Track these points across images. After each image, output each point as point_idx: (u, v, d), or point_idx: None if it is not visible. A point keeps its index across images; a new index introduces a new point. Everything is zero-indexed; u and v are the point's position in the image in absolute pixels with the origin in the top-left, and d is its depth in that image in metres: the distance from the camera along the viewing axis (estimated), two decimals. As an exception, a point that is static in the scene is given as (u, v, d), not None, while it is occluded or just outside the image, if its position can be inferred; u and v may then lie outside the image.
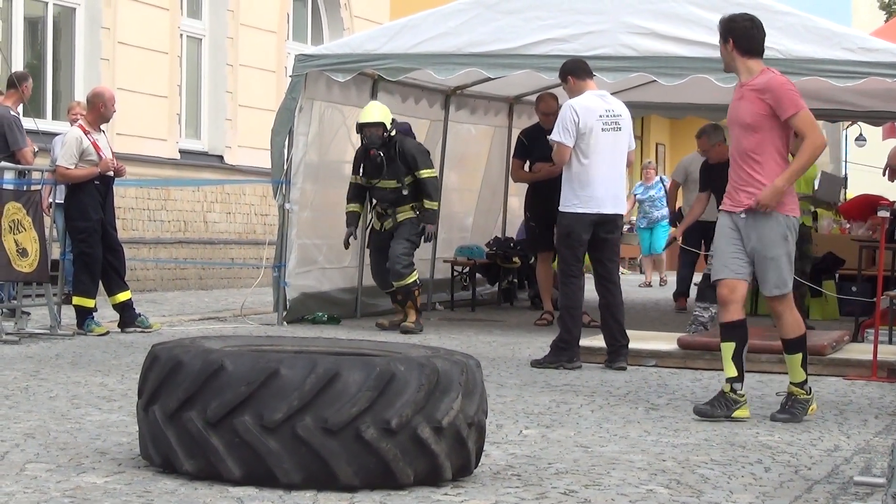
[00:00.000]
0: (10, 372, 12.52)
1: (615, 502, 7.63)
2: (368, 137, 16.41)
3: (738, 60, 9.92)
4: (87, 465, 8.32)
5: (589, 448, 9.27)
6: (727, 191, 10.19)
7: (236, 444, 7.72)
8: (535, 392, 12.09)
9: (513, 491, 7.88)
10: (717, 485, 8.22)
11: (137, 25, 23.88)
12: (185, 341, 8.54)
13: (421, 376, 7.80)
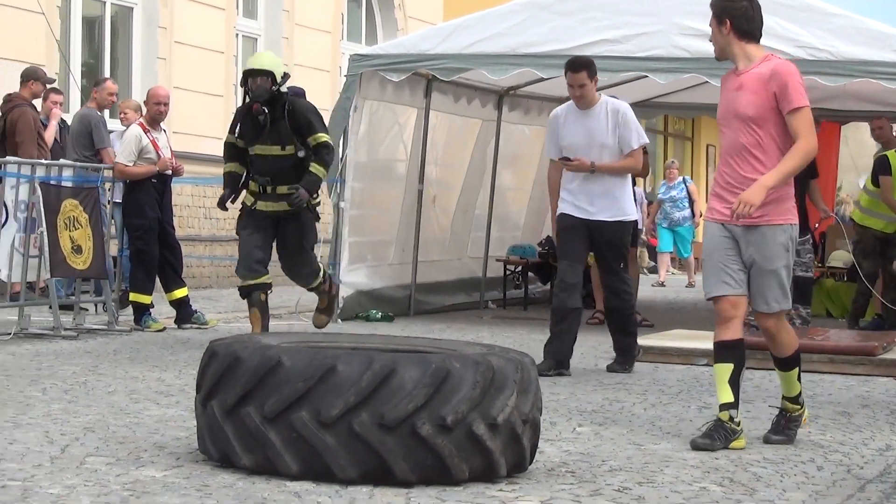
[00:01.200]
0: (70, 367, 12.57)
1: (668, 500, 7.62)
2: (254, 90, 13.32)
3: (736, 45, 8.91)
4: (145, 458, 8.35)
5: (642, 446, 9.26)
6: (716, 194, 9.16)
7: (293, 439, 7.74)
8: (587, 390, 12.09)
9: (567, 488, 7.88)
10: (770, 483, 8.21)
11: (194, 25, 23.96)
12: (242, 337, 8.58)
13: (476, 373, 7.80)
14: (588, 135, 12.87)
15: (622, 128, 12.87)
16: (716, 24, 8.93)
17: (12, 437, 8.97)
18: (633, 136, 12.88)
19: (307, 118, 13.48)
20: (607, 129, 12.86)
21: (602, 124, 12.87)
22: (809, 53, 16.14)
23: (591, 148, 12.87)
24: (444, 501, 7.39)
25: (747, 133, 8.73)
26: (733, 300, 8.96)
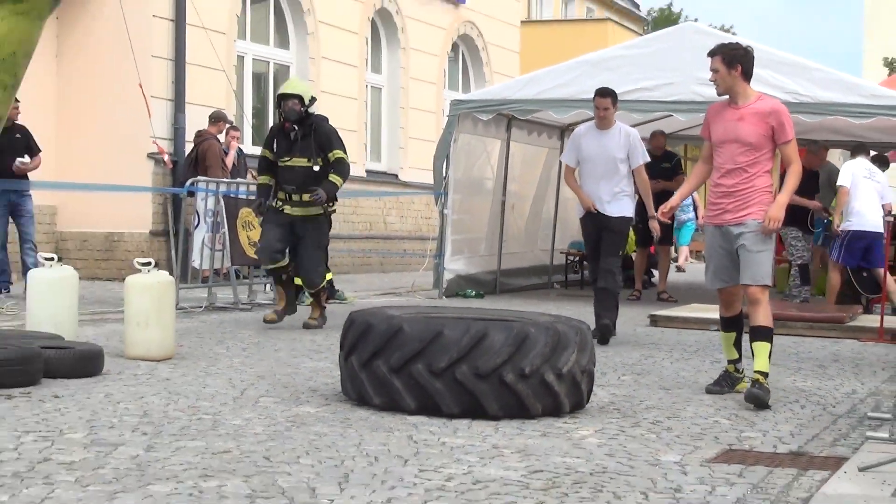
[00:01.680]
0: (245, 331, 12.67)
1: (690, 430, 7.62)
2: (286, 111, 12.38)
3: (740, 85, 8.66)
4: (303, 399, 8.42)
5: (670, 390, 9.25)
6: (712, 202, 8.88)
7: (412, 385, 7.81)
8: (628, 349, 12.08)
9: (614, 421, 7.90)
10: (766, 418, 8.20)
11: (334, 78, 24.01)
12: (373, 310, 8.63)
13: (547, 336, 7.86)
14: (603, 149, 12.43)
15: (632, 148, 12.49)
16: (725, 68, 8.66)
17: (205, 382, 9.06)
18: (639, 155, 12.54)
19: (328, 137, 12.59)
20: (619, 147, 12.43)
21: (615, 142, 12.43)
22: (794, 97, 16.06)
23: (604, 160, 12.44)
24: (523, 431, 7.40)
25: (744, 154, 8.54)
26: (730, 290, 8.87)
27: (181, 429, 7.14)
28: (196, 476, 5.88)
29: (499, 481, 5.98)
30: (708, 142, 9.02)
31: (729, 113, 8.67)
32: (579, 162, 12.71)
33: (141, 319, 10.24)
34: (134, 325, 10.28)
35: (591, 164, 12.51)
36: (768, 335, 8.70)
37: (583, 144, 12.58)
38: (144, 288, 10.30)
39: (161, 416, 7.57)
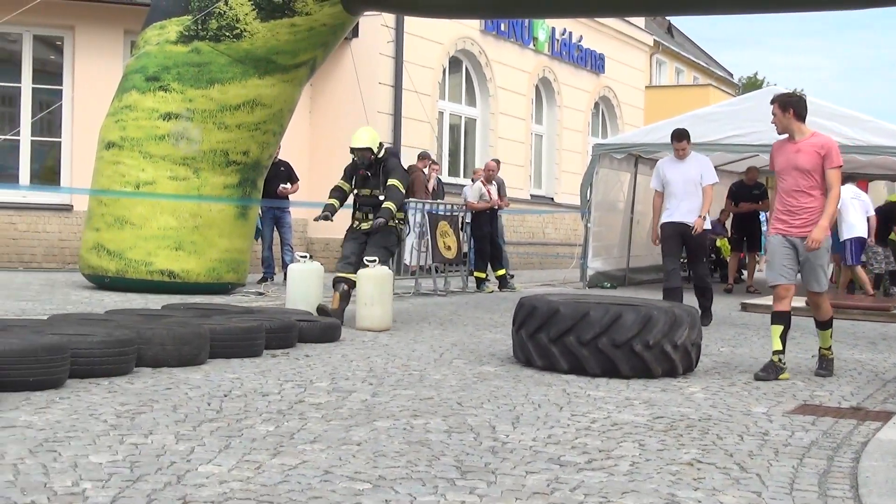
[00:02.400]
0: (442, 311, 12.68)
1: (773, 388, 7.42)
2: (359, 158, 11.01)
3: (795, 124, 8.09)
4: (485, 360, 8.37)
5: (757, 359, 8.98)
6: (778, 218, 8.23)
7: (565, 352, 7.72)
8: (725, 328, 11.82)
9: (716, 381, 7.70)
10: (832, 381, 7.94)
11: (508, 127, 24.02)
12: (537, 296, 8.54)
13: (666, 317, 7.71)
14: (682, 175, 11.74)
15: (703, 171, 11.78)
16: (781, 111, 8.18)
17: (413, 347, 9.06)
18: (708, 176, 11.79)
19: (390, 172, 10.99)
20: (694, 172, 11.74)
21: (691, 169, 11.77)
22: (851, 141, 15.59)
23: (683, 183, 11.72)
24: (648, 388, 7.26)
25: (804, 179, 8.01)
26: (786, 287, 8.11)
27: (397, 381, 7.14)
28: (408, 415, 5.87)
29: (630, 424, 5.87)
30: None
31: (789, 147, 8.19)
32: (664, 186, 11.92)
33: (367, 300, 10.33)
34: (363, 305, 10.37)
35: (674, 186, 11.79)
36: (829, 325, 8.32)
37: (666, 173, 11.91)
38: (371, 277, 10.38)
39: (382, 371, 7.58)
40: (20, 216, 17.46)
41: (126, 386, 6.48)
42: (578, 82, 27.06)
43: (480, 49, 23.13)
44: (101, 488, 4.06)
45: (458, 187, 20.93)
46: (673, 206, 11.82)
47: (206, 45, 12.93)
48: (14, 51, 18.04)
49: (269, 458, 4.67)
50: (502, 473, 4.59)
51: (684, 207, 11.74)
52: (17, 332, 6.74)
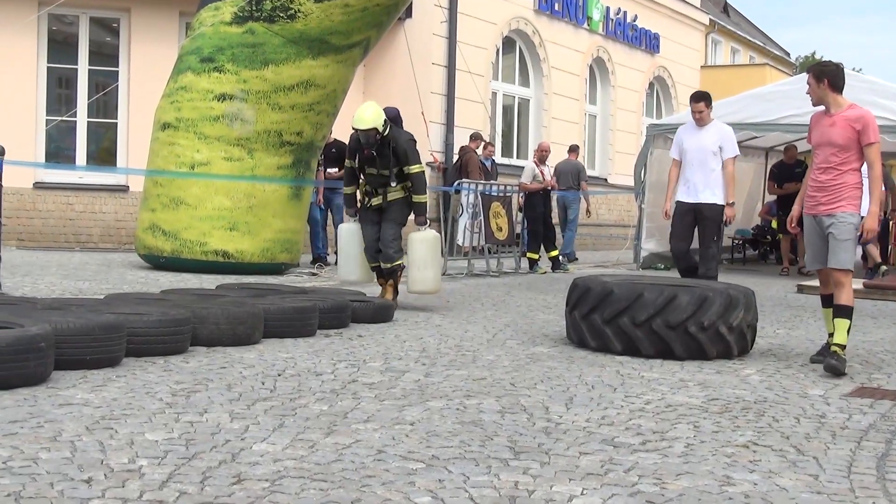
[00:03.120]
0: (495, 292, 12.65)
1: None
2: (365, 139, 10.09)
3: (830, 95, 7.56)
4: (538, 341, 8.35)
5: (814, 341, 8.89)
6: (810, 195, 7.67)
7: (619, 332, 7.67)
8: (781, 310, 11.69)
9: (772, 363, 7.63)
10: (889, 364, 7.84)
11: (561, 108, 23.91)
12: (591, 276, 8.50)
13: (721, 298, 7.65)
14: (699, 143, 10.67)
15: (724, 141, 10.68)
16: (815, 82, 7.69)
17: (466, 328, 9.05)
18: (729, 148, 10.66)
19: (405, 152, 10.21)
20: (712, 141, 10.64)
21: (710, 137, 10.66)
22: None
23: (699, 152, 10.68)
24: (702, 369, 7.21)
25: (836, 155, 7.46)
26: (826, 271, 7.58)
27: (450, 361, 7.15)
28: (461, 395, 5.87)
29: (685, 405, 5.83)
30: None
31: (825, 120, 7.68)
32: (681, 155, 10.86)
33: (421, 264, 10.21)
34: (416, 269, 10.25)
35: (690, 155, 10.70)
36: (849, 313, 7.46)
37: (684, 139, 10.85)
38: (423, 241, 10.26)
39: (435, 351, 7.59)
40: (77, 197, 17.66)
41: (181, 365, 6.53)
42: (633, 62, 26.88)
43: (534, 29, 23.02)
44: (157, 465, 4.09)
45: (511, 168, 20.91)
46: (687, 178, 10.72)
47: (260, 26, 12.97)
48: (71, 33, 18.21)
49: (323, 437, 4.69)
50: (556, 454, 4.57)
51: (700, 181, 10.63)
52: (75, 310, 6.82)
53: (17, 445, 4.30)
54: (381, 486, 3.96)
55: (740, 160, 21.15)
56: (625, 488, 4.07)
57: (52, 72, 18.05)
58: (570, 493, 3.97)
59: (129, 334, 6.54)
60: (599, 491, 4.02)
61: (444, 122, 20.10)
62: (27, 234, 17.42)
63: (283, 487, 3.87)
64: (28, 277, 11.51)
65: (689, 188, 10.69)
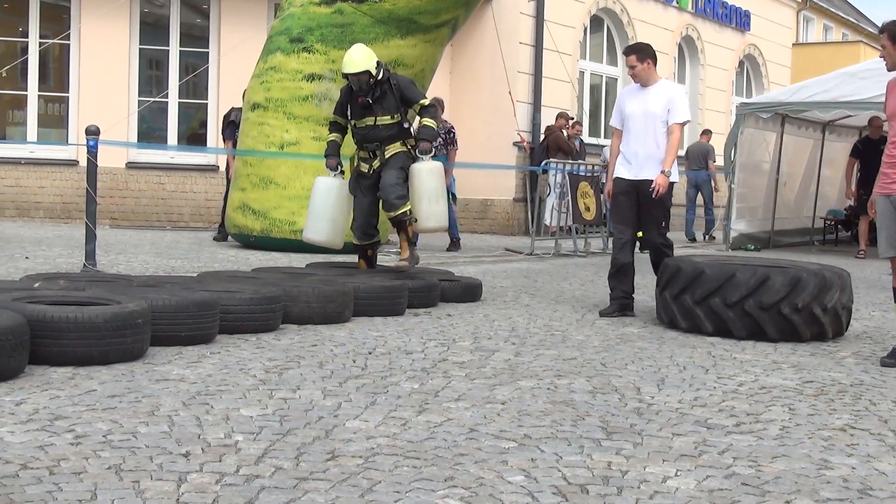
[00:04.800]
0: (583, 272, 12.58)
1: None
2: (356, 84, 8.99)
3: None
4: (627, 322, 8.31)
5: (910, 324, 8.75)
6: (884, 172, 6.68)
7: (710, 313, 7.60)
8: (876, 291, 11.46)
9: (867, 345, 7.49)
10: None
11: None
12: (682, 257, 8.42)
13: (816, 279, 7.52)
14: (642, 107, 8.47)
15: (671, 104, 8.41)
16: (890, 43, 6.70)
17: (555, 308, 9.01)
18: (678, 112, 8.42)
19: (411, 90, 9.13)
20: (658, 104, 8.40)
21: (656, 100, 8.44)
22: None
23: (643, 118, 8.47)
24: (796, 352, 7.10)
25: None
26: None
27: (539, 341, 7.13)
28: (552, 375, 5.85)
29: (779, 388, 5.75)
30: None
31: None
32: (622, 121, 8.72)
33: (432, 196, 9.09)
34: (427, 202, 9.11)
35: (631, 122, 8.56)
36: None
37: (626, 103, 8.67)
38: (431, 171, 9.18)
39: (524, 331, 7.58)
40: (168, 176, 17.92)
41: (273, 342, 6.60)
42: (723, 40, 26.51)
43: (622, 7, 22.81)
44: (253, 441, 4.14)
45: (598, 148, 20.77)
46: (629, 150, 8.59)
47: (349, 6, 13.02)
48: (162, 15, 18.46)
49: (415, 416, 4.71)
50: (648, 435, 4.54)
51: (642, 153, 8.51)
52: (170, 288, 6.93)
53: (116, 419, 4.38)
54: (474, 464, 3.96)
55: (833, 139, 20.96)
56: (719, 470, 4.03)
57: (144, 53, 18.32)
58: (663, 475, 3.94)
59: (222, 312, 6.63)
60: (693, 472, 3.98)
61: (531, 102, 20.03)
62: (120, 214, 17.74)
63: (376, 464, 3.90)
64: (122, 255, 11.71)
65: (631, 162, 8.59)
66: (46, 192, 17.78)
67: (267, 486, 3.57)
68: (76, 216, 17.09)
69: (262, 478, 3.66)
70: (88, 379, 5.18)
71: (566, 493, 3.65)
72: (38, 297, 6.03)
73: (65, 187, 17.73)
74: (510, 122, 19.16)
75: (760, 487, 3.82)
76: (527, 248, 15.10)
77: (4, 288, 6.55)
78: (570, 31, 21.13)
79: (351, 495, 3.51)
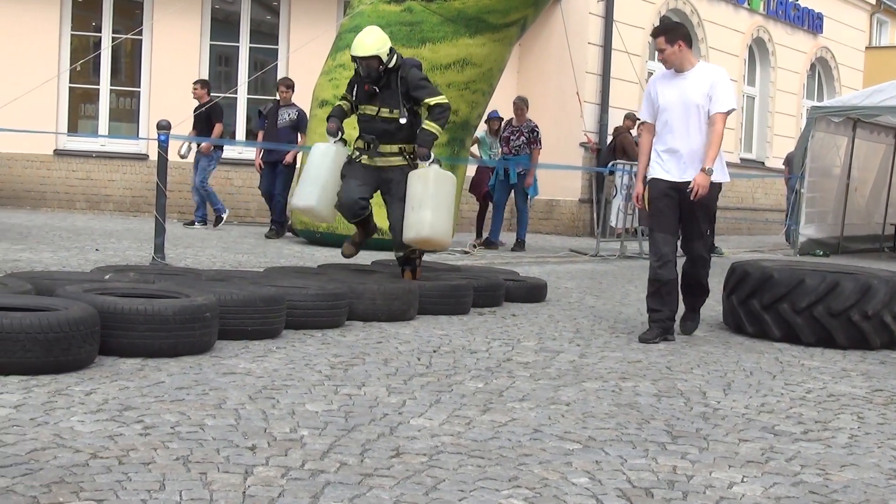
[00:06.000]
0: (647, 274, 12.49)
1: None
2: (364, 69, 8.17)
3: None
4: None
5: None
6: None
7: (778, 319, 7.53)
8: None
9: (939, 355, 7.40)
10: None
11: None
12: (751, 261, 8.34)
13: (887, 286, 7.44)
14: (680, 96, 7.23)
15: (714, 90, 7.20)
16: None
17: (620, 311, 8.98)
18: (722, 99, 7.21)
19: (419, 85, 8.18)
20: (697, 91, 7.17)
21: (695, 86, 7.21)
22: None
23: (682, 108, 7.22)
24: (865, 359, 7.02)
25: None
26: None
27: (604, 343, 7.11)
28: (616, 377, 5.83)
29: (848, 396, 5.68)
30: None
31: None
32: (655, 113, 7.44)
33: (415, 203, 8.11)
34: (409, 209, 8.15)
35: (668, 114, 7.30)
36: None
37: (660, 92, 7.38)
38: (420, 177, 8.17)
39: (589, 332, 7.55)
40: (236, 172, 18.08)
41: (338, 338, 6.64)
42: (794, 42, 26.21)
43: (693, 8, 22.63)
44: (318, 436, 4.17)
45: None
46: (667, 147, 7.32)
47: (418, 5, 13.05)
48: (233, 11, 18.63)
49: (479, 415, 4.72)
50: (714, 440, 4.51)
51: (684, 150, 7.26)
52: (237, 282, 6.99)
53: (184, 411, 4.43)
54: (538, 465, 3.96)
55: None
56: (787, 477, 3.99)
57: (214, 49, 18.50)
58: (729, 480, 3.91)
59: (288, 307, 6.68)
60: (760, 479, 3.95)
61: (599, 103, 19.93)
62: (187, 208, 17.92)
63: (440, 462, 3.91)
64: (190, 249, 11.83)
65: (671, 161, 7.34)
66: (116, 186, 18.03)
67: (332, 481, 3.59)
68: (145, 209, 17.30)
69: (327, 473, 3.69)
70: (157, 371, 5.25)
71: (631, 497, 3.64)
72: (108, 288, 6.12)
73: (134, 181, 17.97)
74: (577, 122, 19.10)
75: (828, 496, 3.78)
76: (592, 250, 15.03)
77: (76, 279, 6.66)
78: (640, 32, 21.00)
79: (415, 493, 3.52)
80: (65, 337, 4.99)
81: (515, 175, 14.72)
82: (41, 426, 4.06)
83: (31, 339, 4.89)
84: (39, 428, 4.03)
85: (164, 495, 3.33)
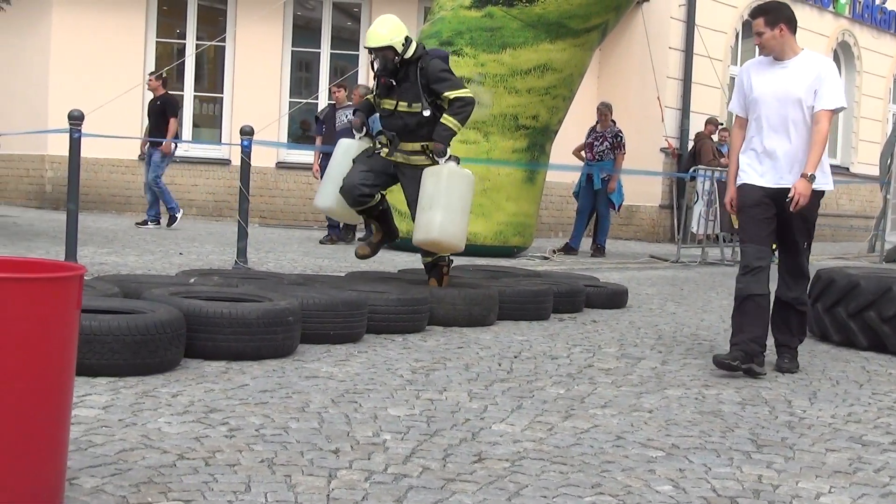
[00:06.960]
0: (730, 281, 12.25)
1: None
2: (379, 62, 7.68)
3: None
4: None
5: None
6: None
7: (864, 327, 7.41)
8: None
9: None
10: None
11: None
12: (836, 268, 8.22)
13: (978, 295, 7.26)
14: (779, 87, 6.20)
15: (819, 82, 6.15)
16: None
17: (702, 317, 8.89)
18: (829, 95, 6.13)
19: (440, 77, 7.64)
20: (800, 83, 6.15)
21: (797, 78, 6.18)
22: None
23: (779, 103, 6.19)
24: (955, 369, 6.88)
25: None
26: None
27: (686, 350, 7.05)
28: (699, 385, 5.78)
29: (938, 406, 5.57)
30: None
31: None
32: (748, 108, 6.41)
33: (425, 203, 7.71)
34: (420, 209, 7.77)
35: (764, 108, 6.25)
36: None
37: (754, 82, 6.34)
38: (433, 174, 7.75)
39: (671, 339, 7.50)
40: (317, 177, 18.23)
41: (419, 343, 6.66)
42: (880, 46, 25.77)
43: (776, 12, 22.34)
44: (401, 440, 4.19)
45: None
46: (762, 147, 6.29)
47: (499, 10, 13.07)
48: (313, 18, 18.81)
49: (561, 421, 4.71)
50: (800, 449, 4.45)
51: (781, 152, 6.22)
52: (319, 287, 7.05)
53: (268, 414, 4.48)
54: (621, 472, 3.94)
55: None
56: (875, 489, 3.92)
57: (295, 56, 18.68)
58: (816, 491, 3.86)
59: (370, 311, 6.72)
60: (848, 490, 3.89)
61: (680, 108, 19.79)
62: (269, 212, 18.13)
63: (523, 468, 3.90)
64: (271, 254, 11.96)
65: (766, 164, 6.30)
66: (199, 190, 18.28)
67: (415, 485, 3.61)
68: (227, 214, 17.52)
69: (410, 477, 3.70)
70: (241, 373, 5.31)
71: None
72: (193, 292, 6.21)
73: (217, 185, 18.20)
74: (658, 127, 18.98)
75: (919, 508, 3.71)
76: (672, 256, 14.91)
77: (161, 283, 6.77)
78: (722, 36, 20.82)
79: (498, 498, 3.52)
80: (152, 339, 5.08)
81: (599, 180, 14.67)
82: (129, 427, 4.13)
83: (118, 342, 4.98)
84: (127, 429, 4.10)
85: (249, 497, 3.37)
